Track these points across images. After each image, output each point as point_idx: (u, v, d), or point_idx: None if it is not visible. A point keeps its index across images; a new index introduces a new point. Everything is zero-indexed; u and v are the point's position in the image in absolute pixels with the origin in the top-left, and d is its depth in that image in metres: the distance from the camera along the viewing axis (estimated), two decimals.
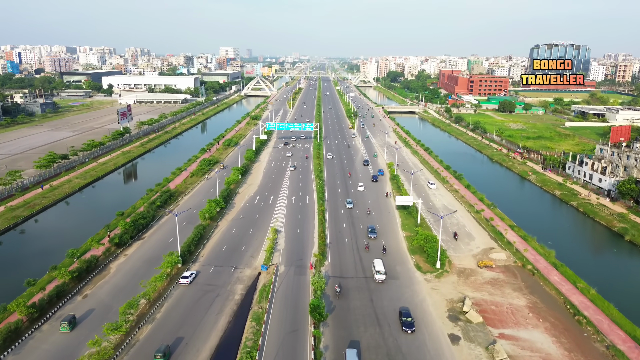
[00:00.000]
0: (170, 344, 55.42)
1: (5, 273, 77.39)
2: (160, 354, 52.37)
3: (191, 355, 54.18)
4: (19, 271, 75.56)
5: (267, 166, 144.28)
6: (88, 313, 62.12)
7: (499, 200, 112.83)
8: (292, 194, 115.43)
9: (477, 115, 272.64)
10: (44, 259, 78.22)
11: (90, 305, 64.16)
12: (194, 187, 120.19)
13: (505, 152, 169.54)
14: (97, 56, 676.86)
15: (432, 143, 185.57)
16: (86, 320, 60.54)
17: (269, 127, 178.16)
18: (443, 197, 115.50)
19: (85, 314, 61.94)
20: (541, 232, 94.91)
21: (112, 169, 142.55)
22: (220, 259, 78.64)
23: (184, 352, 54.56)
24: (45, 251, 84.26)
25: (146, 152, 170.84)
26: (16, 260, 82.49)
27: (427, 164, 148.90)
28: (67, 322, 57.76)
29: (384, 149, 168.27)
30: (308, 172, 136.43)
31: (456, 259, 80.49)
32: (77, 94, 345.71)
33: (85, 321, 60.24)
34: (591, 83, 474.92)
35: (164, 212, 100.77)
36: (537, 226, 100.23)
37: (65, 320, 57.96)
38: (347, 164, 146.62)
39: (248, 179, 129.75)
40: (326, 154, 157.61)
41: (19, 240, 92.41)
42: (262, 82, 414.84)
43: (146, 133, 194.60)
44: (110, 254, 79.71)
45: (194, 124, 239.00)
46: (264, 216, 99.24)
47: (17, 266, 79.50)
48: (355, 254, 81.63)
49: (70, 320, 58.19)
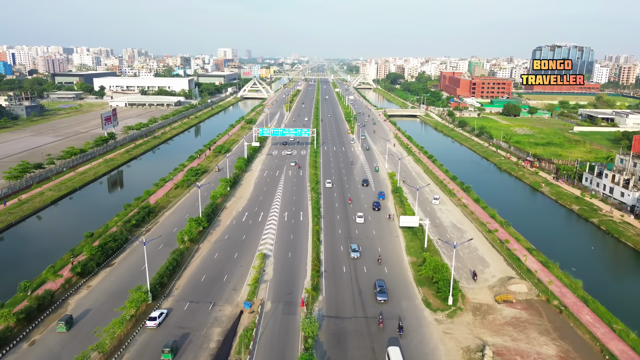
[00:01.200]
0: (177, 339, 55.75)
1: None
2: (168, 349, 52.31)
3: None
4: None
5: (259, 176, 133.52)
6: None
7: (513, 217, 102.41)
8: (285, 209, 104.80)
9: (481, 119, 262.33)
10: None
11: (37, 356, 53.42)
12: (177, 201, 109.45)
13: (514, 161, 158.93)
14: (92, 57, 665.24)
15: (436, 149, 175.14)
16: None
17: (263, 133, 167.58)
18: (451, 214, 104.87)
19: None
20: (563, 255, 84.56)
21: (91, 179, 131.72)
22: (197, 292, 67.91)
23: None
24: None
25: (131, 159, 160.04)
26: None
27: (432, 174, 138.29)
28: (64, 322, 57.52)
29: (384, 157, 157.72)
30: (303, 184, 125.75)
31: (470, 291, 69.86)
32: (68, 96, 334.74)
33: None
34: (595, 85, 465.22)
35: (140, 231, 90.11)
36: (557, 248, 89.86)
37: (62, 321, 57.71)
38: (346, 181, 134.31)
39: (237, 191, 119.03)
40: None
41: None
42: (258, 84, 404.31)
43: (133, 138, 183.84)
44: (71, 286, 68.96)
45: (185, 128, 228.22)
46: (252, 237, 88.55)
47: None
48: (354, 285, 70.97)
49: (67, 321, 57.86)
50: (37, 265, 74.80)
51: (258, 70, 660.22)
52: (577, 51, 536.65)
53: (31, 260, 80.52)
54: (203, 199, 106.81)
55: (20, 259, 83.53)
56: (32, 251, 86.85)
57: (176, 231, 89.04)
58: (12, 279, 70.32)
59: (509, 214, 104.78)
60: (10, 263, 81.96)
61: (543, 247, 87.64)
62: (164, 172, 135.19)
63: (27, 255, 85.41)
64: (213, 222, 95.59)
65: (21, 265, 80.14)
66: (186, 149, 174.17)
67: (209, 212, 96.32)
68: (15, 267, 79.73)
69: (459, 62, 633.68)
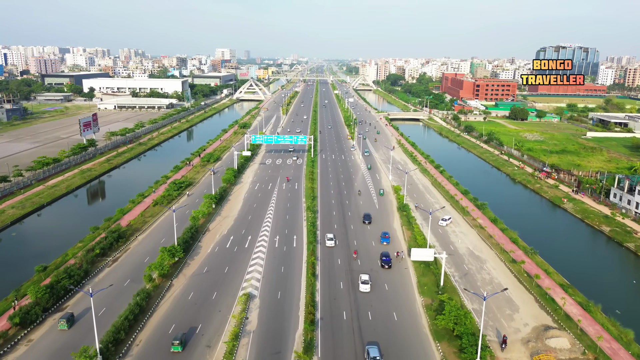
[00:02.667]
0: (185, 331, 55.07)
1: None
2: (178, 341, 53.42)
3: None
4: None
5: (250, 190, 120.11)
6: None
7: (537, 241, 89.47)
8: (276, 231, 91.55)
9: (488, 124, 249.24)
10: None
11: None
12: (154, 222, 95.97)
13: (529, 171, 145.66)
14: (85, 57, 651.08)
15: (443, 158, 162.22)
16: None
17: (255, 140, 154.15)
18: (466, 237, 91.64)
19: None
20: (602, 292, 71.95)
21: (63, 194, 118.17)
22: (163, 349, 54.58)
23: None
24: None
25: (112, 169, 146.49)
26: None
27: (440, 187, 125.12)
28: (65, 319, 57.82)
29: (387, 166, 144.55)
30: (298, 200, 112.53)
31: (499, 348, 56.59)
32: (55, 98, 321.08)
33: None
34: (602, 87, 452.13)
35: (105, 261, 76.88)
36: (594, 283, 76.99)
37: (63, 318, 58.09)
38: (347, 206, 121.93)
39: (224, 208, 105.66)
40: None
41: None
42: (255, 85, 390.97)
43: (116, 145, 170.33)
44: (7, 341, 55.65)
45: (175, 133, 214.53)
46: (236, 269, 75.27)
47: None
48: (357, 338, 57.77)
49: (68, 318, 58.17)
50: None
51: (255, 71, 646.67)
52: (582, 52, 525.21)
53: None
54: (183, 220, 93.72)
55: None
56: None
57: (148, 261, 75.96)
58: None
59: (532, 237, 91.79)
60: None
61: (578, 281, 74.63)
62: (145, 184, 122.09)
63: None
64: (192, 249, 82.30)
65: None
66: (173, 156, 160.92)
67: (187, 237, 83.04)
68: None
69: (460, 63, 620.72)
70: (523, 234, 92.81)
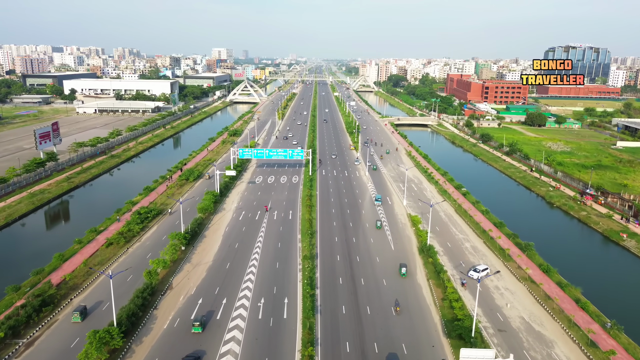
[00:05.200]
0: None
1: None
2: (198, 323, 56.26)
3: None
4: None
5: (233, 222, 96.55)
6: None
7: (611, 305, 66.62)
8: (261, 290, 68.35)
9: (504, 131, 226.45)
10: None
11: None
12: (96, 279, 71.90)
13: (569, 193, 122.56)
14: (74, 57, 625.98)
15: (460, 173, 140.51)
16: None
17: (243, 155, 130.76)
18: (515, 298, 68.45)
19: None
20: None
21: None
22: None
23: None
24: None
25: (72, 189, 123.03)
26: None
27: (467, 216, 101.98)
28: (78, 312, 58.36)
29: (398, 185, 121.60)
30: (292, 237, 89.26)
31: None
32: (33, 100, 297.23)
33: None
34: (615, 90, 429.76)
35: (14, 346, 53.70)
36: None
37: (77, 311, 58.49)
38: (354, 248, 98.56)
39: (197, 250, 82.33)
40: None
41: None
42: (250, 87, 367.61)
43: (82, 159, 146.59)
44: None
45: (156, 142, 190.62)
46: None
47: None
48: None
49: (81, 311, 58.58)
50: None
51: (252, 72, 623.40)
52: (593, 52, 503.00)
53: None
54: (141, 270, 70.51)
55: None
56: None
57: (77, 345, 53.03)
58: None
59: (602, 297, 69.01)
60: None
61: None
62: (105, 212, 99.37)
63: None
64: (141, 326, 58.98)
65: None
66: (149, 171, 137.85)
67: (134, 308, 59.71)
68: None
69: (464, 64, 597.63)
70: (588, 290, 69.85)
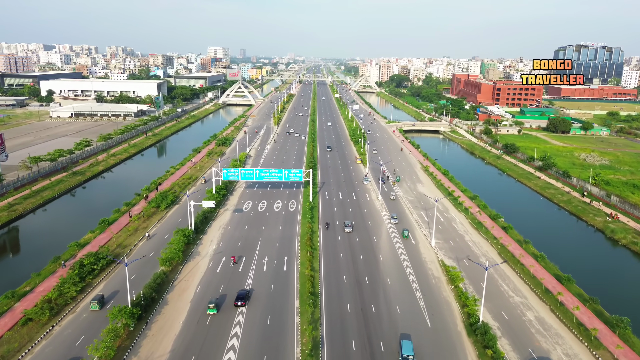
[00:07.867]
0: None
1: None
2: (213, 304, 59.51)
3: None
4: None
5: (207, 277, 71.11)
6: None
7: None
8: None
9: (525, 138, 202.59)
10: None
11: None
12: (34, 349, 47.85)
13: (632, 225, 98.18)
14: (61, 55, 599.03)
15: (490, 195, 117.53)
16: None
17: (228, 177, 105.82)
18: None
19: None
20: None
21: None
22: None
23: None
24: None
25: (13, 219, 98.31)
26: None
27: (516, 263, 77.71)
28: (97, 300, 60.46)
29: (420, 213, 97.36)
30: (286, 309, 64.74)
31: None
32: (6, 102, 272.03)
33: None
34: (632, 91, 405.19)
35: None
36: None
37: (95, 299, 60.69)
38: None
39: (149, 333, 57.47)
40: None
41: None
42: (244, 87, 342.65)
43: (34, 179, 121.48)
44: None
45: (133, 153, 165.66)
46: None
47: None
48: None
49: (99, 300, 60.84)
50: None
51: (248, 71, 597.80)
52: (606, 52, 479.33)
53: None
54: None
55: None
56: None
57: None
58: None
59: None
60: None
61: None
62: (46, 256, 75.30)
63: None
64: None
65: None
66: (117, 192, 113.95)
67: None
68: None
69: (470, 63, 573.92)
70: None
